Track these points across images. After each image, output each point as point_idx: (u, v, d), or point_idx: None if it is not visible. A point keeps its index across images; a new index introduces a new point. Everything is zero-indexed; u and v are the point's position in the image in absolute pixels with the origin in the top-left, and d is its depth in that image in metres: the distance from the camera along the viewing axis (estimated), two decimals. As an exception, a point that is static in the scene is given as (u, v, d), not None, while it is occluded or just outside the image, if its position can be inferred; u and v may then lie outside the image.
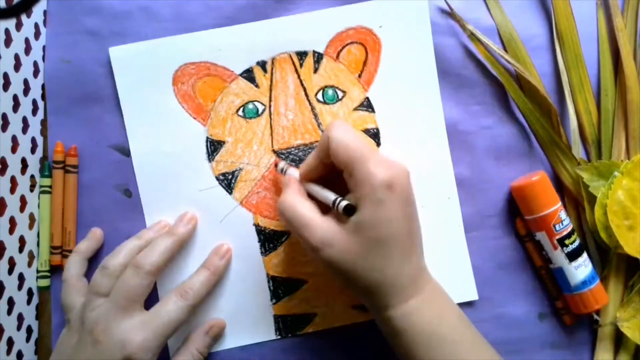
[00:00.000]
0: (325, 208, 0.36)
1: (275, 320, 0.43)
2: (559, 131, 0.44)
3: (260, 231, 0.43)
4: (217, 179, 0.43)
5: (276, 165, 0.42)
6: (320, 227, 0.34)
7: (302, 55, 0.44)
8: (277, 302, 0.43)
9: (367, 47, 0.44)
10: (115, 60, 0.43)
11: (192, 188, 0.43)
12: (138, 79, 0.43)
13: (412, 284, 0.35)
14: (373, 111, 0.44)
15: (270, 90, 0.44)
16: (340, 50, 0.44)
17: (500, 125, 0.45)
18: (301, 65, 0.44)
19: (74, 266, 0.41)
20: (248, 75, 0.44)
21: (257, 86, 0.44)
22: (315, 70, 0.44)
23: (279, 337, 0.43)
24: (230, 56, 0.44)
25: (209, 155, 0.43)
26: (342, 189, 0.36)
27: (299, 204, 0.36)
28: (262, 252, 0.43)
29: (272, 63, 0.44)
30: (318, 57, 0.44)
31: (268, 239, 0.43)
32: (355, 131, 0.37)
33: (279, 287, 0.43)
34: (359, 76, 0.44)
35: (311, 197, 0.38)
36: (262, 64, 0.44)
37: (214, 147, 0.43)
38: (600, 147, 0.44)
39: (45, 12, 0.44)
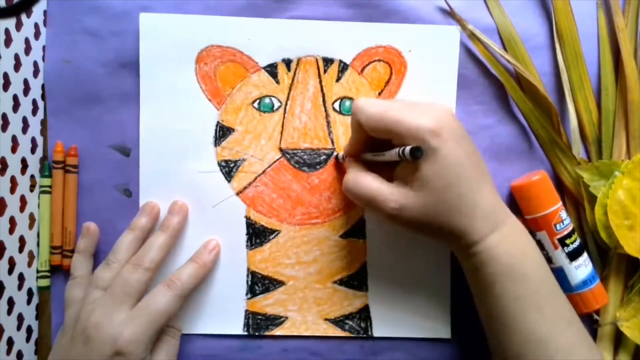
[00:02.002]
0: (387, 177, 0.37)
1: (245, 315, 0.43)
2: (559, 131, 0.44)
3: (250, 224, 0.43)
4: (219, 164, 0.43)
5: (336, 157, 0.43)
6: (390, 194, 0.35)
7: (328, 61, 0.44)
8: (251, 297, 0.43)
9: (392, 67, 0.44)
10: (143, 27, 0.43)
11: (193, 168, 0.43)
12: (162, 50, 0.43)
13: (491, 217, 0.36)
14: None
15: (290, 89, 0.44)
16: (366, 65, 0.44)
17: (500, 125, 0.45)
18: (325, 71, 0.44)
19: (80, 266, 0.42)
20: (271, 69, 0.44)
21: (277, 82, 0.43)
22: (338, 79, 0.44)
23: (245, 332, 0.43)
24: (258, 47, 0.43)
25: (215, 140, 0.43)
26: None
27: (363, 179, 0.37)
28: (247, 246, 0.43)
29: (297, 63, 0.44)
30: (343, 67, 0.44)
31: (256, 234, 0.43)
32: (378, 101, 0.37)
33: (257, 283, 0.43)
34: (379, 94, 0.44)
35: (373, 169, 0.38)
36: (287, 62, 0.44)
37: (222, 132, 0.43)
38: (601, 146, 0.44)
39: (45, 12, 0.44)
